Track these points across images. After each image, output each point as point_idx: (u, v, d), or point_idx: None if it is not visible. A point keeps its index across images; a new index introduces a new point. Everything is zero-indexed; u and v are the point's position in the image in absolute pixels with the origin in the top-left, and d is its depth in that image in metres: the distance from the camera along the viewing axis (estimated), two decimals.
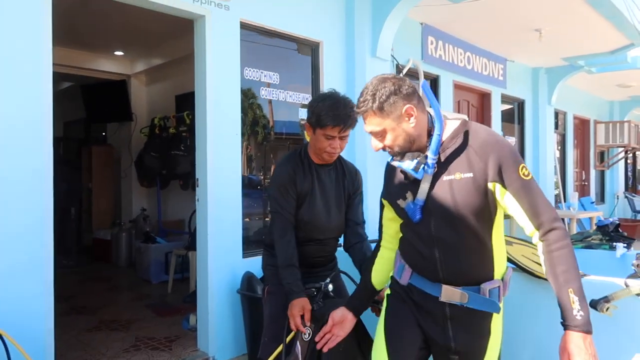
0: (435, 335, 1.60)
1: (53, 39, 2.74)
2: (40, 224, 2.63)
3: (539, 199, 1.47)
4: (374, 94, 1.48)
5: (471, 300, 1.52)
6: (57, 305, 4.48)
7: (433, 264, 1.55)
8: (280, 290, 2.09)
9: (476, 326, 1.57)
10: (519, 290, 2.22)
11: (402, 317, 1.66)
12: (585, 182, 10.28)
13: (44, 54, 2.67)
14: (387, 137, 1.52)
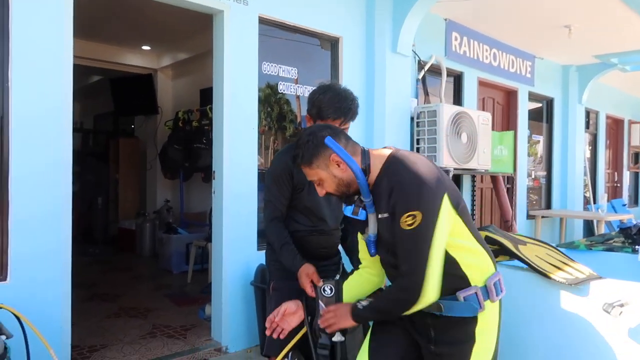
0: (419, 339, 1.62)
1: (83, 33, 2.81)
2: (58, 212, 2.71)
3: (410, 253, 1.45)
4: (300, 150, 1.59)
5: (446, 308, 1.52)
6: (80, 292, 4.69)
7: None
8: (285, 287, 2.09)
9: (458, 333, 1.56)
10: (532, 290, 2.17)
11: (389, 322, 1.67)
12: (618, 184, 9.95)
13: (65, 46, 2.74)
14: (325, 185, 1.60)
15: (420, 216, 1.41)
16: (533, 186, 7.33)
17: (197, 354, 3.34)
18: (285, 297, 2.06)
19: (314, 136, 1.58)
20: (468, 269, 1.54)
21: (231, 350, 3.44)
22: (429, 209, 1.42)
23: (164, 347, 3.46)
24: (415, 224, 1.42)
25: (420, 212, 1.42)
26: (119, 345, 3.48)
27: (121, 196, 7.73)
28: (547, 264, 2.23)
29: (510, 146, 5.69)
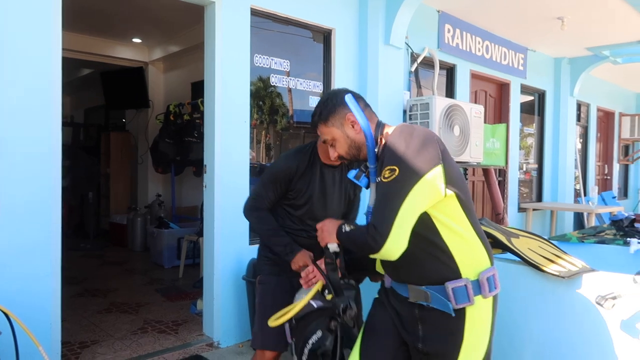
0: (407, 338, 1.61)
1: (73, 26, 2.76)
2: (48, 206, 2.66)
3: (380, 203, 1.45)
4: (320, 108, 1.66)
5: (433, 299, 1.50)
6: (71, 288, 4.65)
7: (391, 267, 1.61)
8: (272, 280, 2.12)
9: (446, 327, 1.52)
10: (525, 283, 2.17)
11: (380, 319, 1.68)
12: (608, 176, 10.01)
13: (54, 38, 2.69)
14: (337, 145, 1.65)
15: (398, 171, 1.42)
16: (524, 179, 7.35)
17: (188, 349, 3.32)
18: (270, 291, 2.15)
19: (334, 95, 1.66)
20: (460, 258, 1.50)
21: (223, 345, 3.43)
22: (410, 168, 1.42)
23: (156, 342, 3.44)
24: (391, 178, 1.42)
25: (398, 168, 1.42)
26: (110, 341, 3.45)
27: (112, 191, 7.66)
28: (540, 257, 2.23)
29: (502, 139, 5.69)
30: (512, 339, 2.21)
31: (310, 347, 1.74)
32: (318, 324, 1.74)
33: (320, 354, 1.71)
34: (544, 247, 2.34)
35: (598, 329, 1.92)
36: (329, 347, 1.70)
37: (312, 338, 1.72)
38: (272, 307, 2.02)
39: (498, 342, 2.22)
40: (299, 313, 1.73)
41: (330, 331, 1.72)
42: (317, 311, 1.75)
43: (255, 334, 2.19)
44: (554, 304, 2.08)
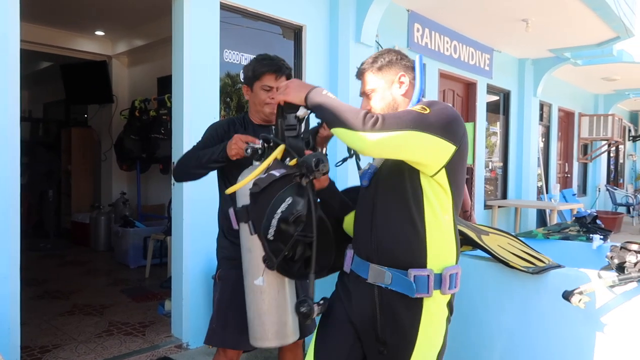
0: (364, 325, 1.57)
1: (32, 16, 2.63)
2: (6, 205, 2.54)
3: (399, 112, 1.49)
4: (376, 57, 1.63)
5: (394, 281, 1.49)
6: (30, 290, 4.46)
7: (367, 232, 1.56)
8: (231, 276, 1.98)
9: (403, 317, 1.51)
10: (494, 280, 2.21)
11: (335, 316, 1.65)
12: (568, 175, 10.36)
13: (11, 29, 2.56)
14: (375, 97, 1.62)
15: (429, 112, 1.43)
16: (490, 177, 7.52)
17: (156, 351, 3.24)
18: (230, 287, 2.01)
19: (396, 51, 1.65)
20: (431, 248, 1.49)
21: (192, 346, 3.36)
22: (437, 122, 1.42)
23: (122, 345, 3.34)
24: (418, 110, 1.44)
25: (430, 110, 1.43)
26: (73, 344, 3.33)
27: (74, 188, 7.40)
28: (509, 254, 2.27)
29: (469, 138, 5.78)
30: (481, 334, 2.24)
31: (280, 216, 1.50)
32: (285, 192, 1.52)
33: (293, 221, 1.49)
34: (512, 244, 2.39)
35: (565, 323, 1.97)
36: (302, 211, 1.49)
37: (280, 207, 1.50)
38: (231, 304, 1.98)
39: (468, 337, 2.26)
40: (259, 186, 1.54)
41: (301, 195, 1.51)
42: (280, 180, 1.54)
43: (213, 331, 2.07)
44: (522, 299, 2.12)
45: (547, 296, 2.02)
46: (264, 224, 1.52)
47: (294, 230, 1.50)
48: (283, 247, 1.52)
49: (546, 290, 2.03)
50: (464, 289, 2.25)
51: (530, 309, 2.09)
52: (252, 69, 2.07)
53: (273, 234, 1.51)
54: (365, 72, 1.63)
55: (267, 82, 2.04)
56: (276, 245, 1.53)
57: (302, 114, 1.58)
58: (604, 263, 2.17)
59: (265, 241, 1.54)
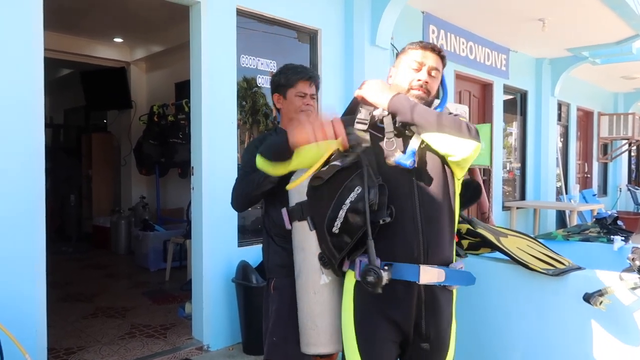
0: (407, 326, 1.54)
1: (53, 25, 2.71)
2: (32, 210, 2.61)
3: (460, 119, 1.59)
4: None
5: (448, 277, 1.51)
6: (54, 292, 4.56)
7: (414, 238, 1.51)
8: (287, 285, 1.90)
9: (444, 310, 1.58)
10: (513, 282, 2.20)
11: (372, 317, 1.56)
12: (588, 175, 10.21)
13: (35, 38, 2.63)
14: (436, 80, 1.68)
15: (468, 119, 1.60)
16: (508, 178, 7.45)
17: (178, 353, 3.29)
18: (287, 297, 1.90)
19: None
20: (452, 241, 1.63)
21: (213, 348, 3.40)
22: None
23: (144, 347, 3.39)
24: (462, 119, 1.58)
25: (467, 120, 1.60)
26: (97, 346, 3.40)
27: (95, 193, 7.54)
28: (528, 256, 2.26)
29: (486, 139, 5.75)
30: (501, 337, 2.23)
31: (349, 207, 1.43)
32: (353, 181, 1.46)
33: (364, 211, 1.41)
34: (532, 246, 2.38)
35: (586, 326, 1.95)
36: (374, 199, 1.41)
37: (348, 197, 1.43)
38: (291, 316, 1.87)
39: (487, 340, 2.25)
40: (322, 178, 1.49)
41: (370, 184, 1.44)
42: (345, 170, 1.48)
43: (275, 345, 1.95)
44: (542, 301, 2.11)
45: (567, 299, 2.00)
46: (329, 217, 1.47)
47: (362, 221, 1.43)
48: (349, 241, 1.46)
49: (566, 293, 2.01)
50: (483, 291, 2.25)
51: (550, 311, 2.08)
52: (284, 77, 2.08)
53: (339, 227, 1.45)
54: (441, 54, 1.69)
55: (302, 89, 2.06)
56: (340, 239, 1.47)
57: (379, 114, 1.58)
58: (626, 265, 2.15)
59: (329, 236, 1.48)
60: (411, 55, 1.67)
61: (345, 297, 1.62)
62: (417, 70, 1.65)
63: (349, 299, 1.59)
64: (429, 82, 1.64)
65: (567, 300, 2.01)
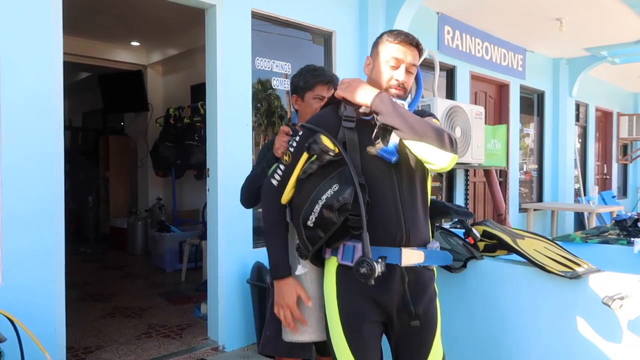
0: (390, 306, 1.58)
1: (71, 29, 2.76)
2: (51, 211, 2.66)
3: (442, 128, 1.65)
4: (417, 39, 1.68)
5: (428, 257, 1.60)
6: (72, 292, 4.63)
7: (396, 224, 1.57)
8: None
9: (428, 287, 1.66)
10: (530, 285, 2.17)
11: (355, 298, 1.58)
12: (607, 176, 10.04)
13: (54, 42, 2.68)
14: (412, 76, 1.66)
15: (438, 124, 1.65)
16: (525, 179, 7.37)
17: (194, 353, 3.31)
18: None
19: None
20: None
21: (228, 349, 3.42)
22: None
23: (160, 347, 3.43)
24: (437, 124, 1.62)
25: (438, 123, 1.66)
26: (115, 346, 3.45)
27: (112, 195, 7.64)
28: (546, 258, 2.23)
29: (503, 140, 5.71)
30: (517, 340, 2.21)
31: (324, 203, 1.48)
32: (332, 179, 1.52)
33: (337, 209, 1.46)
34: (549, 248, 2.35)
35: (605, 329, 1.92)
36: (348, 199, 1.46)
37: (325, 193, 1.49)
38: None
39: (503, 343, 2.23)
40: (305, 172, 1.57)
41: (347, 183, 1.48)
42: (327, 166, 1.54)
43: (267, 339, 2.04)
44: (560, 304, 2.08)
45: (586, 302, 1.98)
46: (305, 209, 1.52)
47: (336, 218, 1.47)
48: (322, 235, 1.51)
49: (585, 296, 1.98)
50: (500, 293, 2.23)
51: (567, 314, 2.05)
52: (303, 79, 2.10)
53: (314, 221, 1.50)
54: (419, 47, 1.65)
55: (320, 92, 2.07)
56: (315, 233, 1.52)
57: (363, 110, 1.60)
58: None
59: (304, 228, 1.54)
60: (389, 50, 1.63)
61: (328, 281, 1.65)
62: (395, 67, 1.63)
63: (331, 282, 1.63)
64: (407, 81, 1.64)
65: (585, 304, 1.98)
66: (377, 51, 1.69)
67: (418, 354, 1.63)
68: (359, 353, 1.57)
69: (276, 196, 1.68)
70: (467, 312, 2.35)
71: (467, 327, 2.35)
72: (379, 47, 1.68)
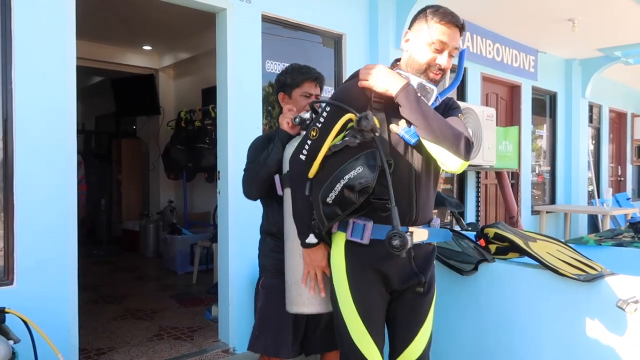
0: (397, 278, 1.67)
1: (84, 34, 2.79)
2: (64, 214, 2.69)
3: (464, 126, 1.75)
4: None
5: (431, 235, 1.68)
6: (85, 294, 4.68)
7: (408, 204, 1.62)
8: (275, 286, 2.02)
9: (430, 261, 1.77)
10: (542, 288, 2.15)
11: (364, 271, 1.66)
12: (622, 178, 9.91)
13: (68, 47, 2.72)
14: (450, 60, 1.64)
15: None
16: (537, 181, 7.30)
17: (204, 355, 3.32)
18: (273, 296, 2.03)
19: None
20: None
21: (239, 351, 3.43)
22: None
23: (171, 349, 3.45)
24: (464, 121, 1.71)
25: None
26: (126, 347, 3.47)
27: (124, 197, 7.71)
28: (558, 261, 2.20)
29: (514, 141, 5.66)
30: (529, 344, 2.18)
31: (345, 183, 1.50)
32: (357, 160, 1.53)
33: (358, 191, 1.50)
34: (562, 251, 2.32)
35: (620, 333, 1.90)
36: (370, 182, 1.49)
37: (348, 174, 1.52)
38: (272, 313, 2.03)
39: (518, 346, 2.21)
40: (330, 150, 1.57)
41: (372, 167, 1.50)
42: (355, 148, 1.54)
43: (256, 337, 2.11)
44: (573, 308, 2.05)
45: (600, 305, 1.95)
46: (325, 187, 1.56)
47: (356, 199, 1.52)
48: (340, 213, 1.56)
49: (598, 299, 1.96)
50: (512, 296, 2.21)
51: (581, 318, 2.02)
52: (290, 77, 2.12)
53: (333, 198, 1.54)
54: (464, 29, 1.64)
55: (308, 89, 2.10)
56: (332, 210, 1.56)
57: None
58: None
59: (322, 204, 1.57)
60: (434, 31, 1.58)
61: (336, 256, 1.70)
62: (439, 51, 1.60)
63: (340, 257, 1.68)
64: (448, 66, 1.63)
65: (599, 307, 1.95)
66: (419, 28, 1.62)
67: (414, 319, 1.74)
68: (368, 321, 1.65)
69: (304, 170, 1.68)
70: (479, 315, 2.33)
71: (478, 330, 2.34)
72: (422, 25, 1.61)
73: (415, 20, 1.65)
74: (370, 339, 1.65)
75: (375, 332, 1.66)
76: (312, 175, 1.66)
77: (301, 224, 1.75)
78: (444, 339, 2.45)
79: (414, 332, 1.74)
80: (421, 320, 1.75)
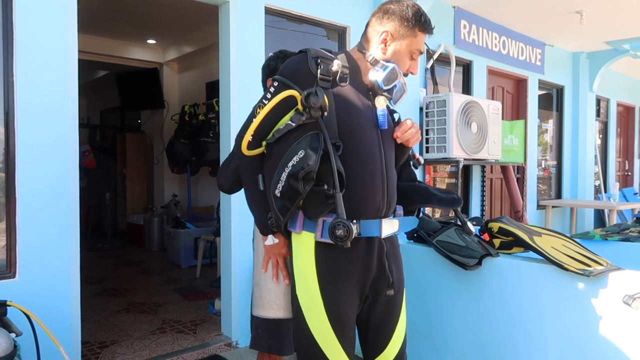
0: (368, 278, 1.56)
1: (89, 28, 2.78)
2: (66, 207, 2.68)
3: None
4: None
5: (402, 225, 1.63)
6: (90, 287, 4.70)
7: (380, 194, 1.54)
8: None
9: (398, 254, 1.69)
10: (547, 283, 2.13)
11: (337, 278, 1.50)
12: (629, 172, 9.82)
13: (69, 40, 2.70)
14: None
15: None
16: (543, 176, 7.25)
17: (207, 349, 3.32)
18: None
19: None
20: None
21: (241, 345, 3.43)
22: None
23: (174, 342, 3.45)
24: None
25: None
26: (129, 340, 3.48)
27: (129, 191, 7.73)
28: (563, 255, 2.18)
29: (520, 135, 5.61)
30: (533, 339, 2.16)
31: (289, 171, 1.37)
32: (299, 144, 1.40)
33: (302, 178, 1.36)
34: (567, 246, 2.29)
35: (625, 328, 1.87)
36: (313, 167, 1.35)
37: (291, 160, 1.38)
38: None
39: (522, 342, 2.19)
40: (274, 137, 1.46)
41: (315, 148, 1.37)
42: (297, 129, 1.43)
43: (259, 336, 2.05)
44: (578, 303, 2.03)
45: (605, 300, 1.93)
46: (274, 178, 1.43)
47: (302, 188, 1.37)
48: (289, 206, 1.41)
49: (604, 295, 1.93)
50: (516, 291, 2.19)
51: (586, 314, 2.00)
52: (280, 63, 2.05)
53: (280, 190, 1.40)
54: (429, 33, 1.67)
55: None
56: (282, 203, 1.42)
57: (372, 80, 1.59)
58: None
59: (273, 198, 1.44)
60: (419, 41, 1.60)
61: (303, 261, 1.52)
62: (415, 59, 1.64)
63: (309, 263, 1.50)
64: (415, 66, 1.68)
65: (604, 303, 1.93)
66: (403, 34, 1.58)
67: (388, 321, 1.65)
68: (340, 331, 1.50)
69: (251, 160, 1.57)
70: (482, 310, 2.31)
71: (482, 325, 2.32)
72: (407, 32, 1.58)
73: (400, 24, 1.58)
74: (342, 351, 1.50)
75: (346, 341, 1.52)
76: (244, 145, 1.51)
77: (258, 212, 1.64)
78: (448, 334, 2.43)
79: (389, 334, 1.65)
80: (394, 320, 1.66)
